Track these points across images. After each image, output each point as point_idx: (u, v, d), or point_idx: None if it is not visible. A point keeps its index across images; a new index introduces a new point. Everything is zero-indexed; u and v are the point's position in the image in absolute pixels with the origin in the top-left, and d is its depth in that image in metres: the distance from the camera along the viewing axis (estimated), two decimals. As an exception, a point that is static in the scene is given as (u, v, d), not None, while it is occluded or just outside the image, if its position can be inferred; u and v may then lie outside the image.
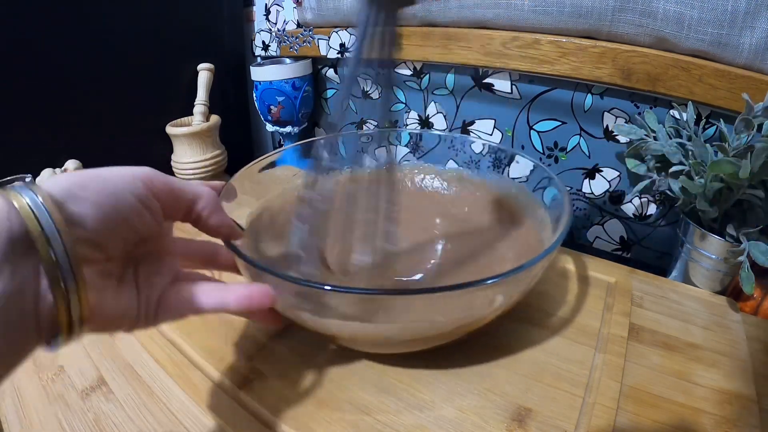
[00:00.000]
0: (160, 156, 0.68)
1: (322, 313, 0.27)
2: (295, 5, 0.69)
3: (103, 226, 0.19)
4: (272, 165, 0.43)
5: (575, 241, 0.58)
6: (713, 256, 0.40)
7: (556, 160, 0.56)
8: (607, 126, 0.51)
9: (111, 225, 0.20)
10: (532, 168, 0.40)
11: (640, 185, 0.45)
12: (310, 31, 0.68)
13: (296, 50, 0.71)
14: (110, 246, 0.20)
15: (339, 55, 0.66)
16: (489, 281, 0.25)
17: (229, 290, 0.24)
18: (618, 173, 0.52)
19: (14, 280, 0.16)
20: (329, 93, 0.75)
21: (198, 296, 0.24)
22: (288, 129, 0.73)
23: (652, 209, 0.52)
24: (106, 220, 0.19)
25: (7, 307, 0.16)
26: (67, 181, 0.19)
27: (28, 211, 0.16)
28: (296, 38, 0.70)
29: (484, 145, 0.45)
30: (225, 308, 0.24)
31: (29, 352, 0.18)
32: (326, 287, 0.24)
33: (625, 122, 0.49)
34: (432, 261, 0.41)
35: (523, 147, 0.58)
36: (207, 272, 0.29)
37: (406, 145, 0.49)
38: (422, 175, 0.49)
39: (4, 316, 0.16)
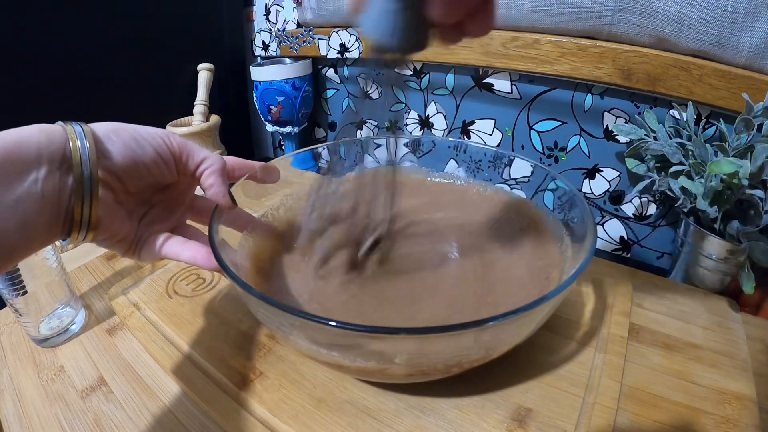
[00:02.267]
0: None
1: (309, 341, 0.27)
2: (295, 5, 0.69)
3: (125, 163, 0.25)
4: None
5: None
6: (713, 256, 0.40)
7: (556, 160, 0.56)
8: (607, 126, 0.51)
9: (131, 164, 0.26)
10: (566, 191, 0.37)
11: (640, 185, 0.45)
12: (310, 31, 0.68)
13: (296, 50, 0.71)
14: (129, 181, 0.26)
15: (339, 55, 0.66)
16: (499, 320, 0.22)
17: (185, 246, 0.29)
18: (618, 173, 0.52)
19: (60, 184, 0.23)
20: (329, 93, 0.75)
21: (164, 245, 0.29)
22: (288, 129, 0.73)
23: (652, 209, 0.52)
24: (127, 159, 0.25)
25: (52, 199, 0.23)
26: (108, 126, 0.25)
27: (76, 141, 0.23)
28: (296, 38, 0.70)
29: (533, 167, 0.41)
30: (178, 259, 0.29)
31: (54, 238, 0.24)
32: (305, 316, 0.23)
33: (625, 122, 0.49)
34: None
35: (523, 147, 0.58)
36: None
37: (406, 145, 0.49)
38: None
39: (49, 205, 0.23)
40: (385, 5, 0.20)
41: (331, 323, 0.22)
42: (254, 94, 0.72)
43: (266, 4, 0.75)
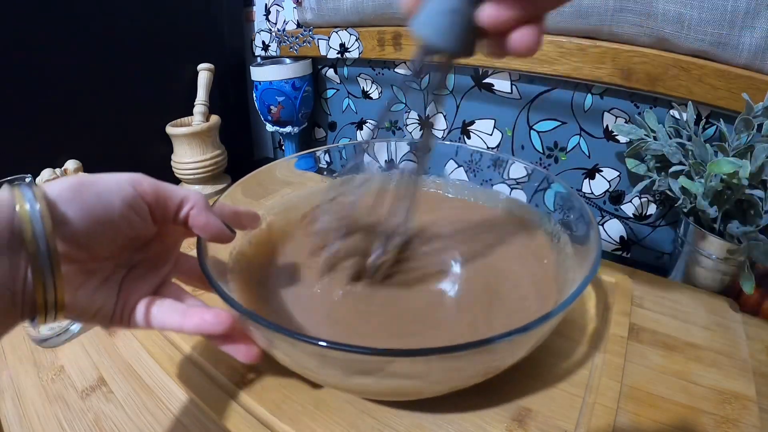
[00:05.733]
0: (160, 156, 0.68)
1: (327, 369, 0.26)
2: (295, 5, 0.69)
3: (88, 227, 0.21)
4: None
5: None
6: (713, 256, 0.40)
7: (556, 160, 0.56)
8: (607, 126, 0.51)
9: (96, 226, 0.22)
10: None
11: (640, 185, 0.45)
12: (310, 31, 0.68)
13: (296, 50, 0.71)
14: (96, 246, 0.22)
15: (339, 55, 0.66)
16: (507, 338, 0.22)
17: (187, 315, 0.25)
18: (618, 173, 0.52)
19: (10, 266, 0.19)
20: (329, 93, 0.75)
21: (161, 315, 0.25)
22: (288, 129, 0.73)
23: (652, 209, 0.52)
24: (91, 222, 0.21)
25: (2, 285, 0.19)
26: (63, 184, 0.21)
27: (27, 214, 0.19)
28: (296, 38, 0.70)
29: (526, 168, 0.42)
30: (182, 331, 0.25)
31: (14, 325, 0.21)
32: (320, 343, 0.22)
33: (625, 122, 0.49)
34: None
35: (523, 147, 0.58)
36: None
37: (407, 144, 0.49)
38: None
39: None
40: (438, 6, 0.21)
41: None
42: (254, 94, 0.72)
43: (266, 4, 0.74)
